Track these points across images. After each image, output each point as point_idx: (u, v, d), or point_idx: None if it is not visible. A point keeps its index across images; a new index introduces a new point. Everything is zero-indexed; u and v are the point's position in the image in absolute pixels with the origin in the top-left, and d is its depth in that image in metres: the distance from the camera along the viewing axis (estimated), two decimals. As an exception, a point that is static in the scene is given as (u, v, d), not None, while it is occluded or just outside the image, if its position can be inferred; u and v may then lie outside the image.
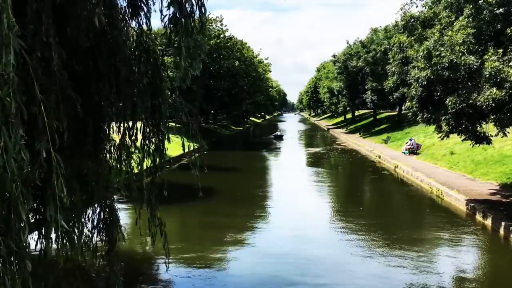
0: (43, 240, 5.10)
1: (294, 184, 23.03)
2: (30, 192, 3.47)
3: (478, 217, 14.53)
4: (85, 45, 4.99)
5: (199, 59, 5.36)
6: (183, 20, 5.12)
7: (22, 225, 3.29)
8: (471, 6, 13.70)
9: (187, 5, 5.14)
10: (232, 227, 14.35)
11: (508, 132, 14.59)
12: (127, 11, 5.97)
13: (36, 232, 5.38)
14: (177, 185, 14.77)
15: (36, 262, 4.83)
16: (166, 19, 5.22)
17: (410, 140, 31.11)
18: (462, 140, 16.12)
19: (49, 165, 3.69)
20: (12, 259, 3.22)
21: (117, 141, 6.36)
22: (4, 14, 3.06)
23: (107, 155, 6.34)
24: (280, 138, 53.89)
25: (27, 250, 3.60)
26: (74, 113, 4.63)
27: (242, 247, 12.50)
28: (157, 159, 6.23)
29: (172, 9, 5.17)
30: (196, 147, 6.15)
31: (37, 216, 5.62)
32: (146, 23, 5.93)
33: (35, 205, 5.39)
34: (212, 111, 57.81)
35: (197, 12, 5.24)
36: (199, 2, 5.18)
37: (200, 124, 7.15)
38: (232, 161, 33.76)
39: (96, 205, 6.26)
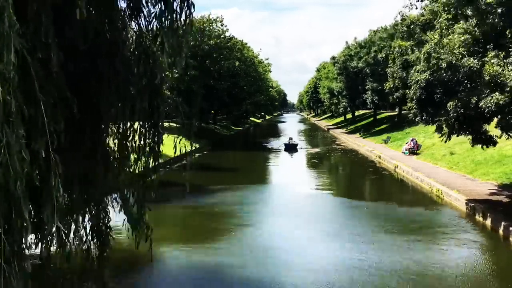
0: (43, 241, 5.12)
1: (293, 185, 22.99)
2: (27, 192, 3.45)
3: (478, 217, 14.54)
4: (83, 46, 4.99)
5: (183, 56, 5.39)
6: (168, 16, 5.15)
7: (24, 224, 3.27)
8: (472, 7, 13.63)
9: (174, 3, 5.17)
10: (231, 227, 14.37)
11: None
12: (127, 12, 5.99)
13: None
14: (174, 184, 15.71)
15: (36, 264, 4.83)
16: (152, 16, 5.32)
17: (411, 140, 31.01)
18: (472, 146, 16.11)
19: (46, 165, 3.68)
20: (14, 258, 3.21)
21: (116, 142, 6.35)
22: (5, 12, 3.04)
23: (107, 156, 6.33)
24: (293, 148, 38.34)
25: (28, 250, 3.60)
26: (71, 114, 4.61)
27: (240, 245, 12.52)
28: (152, 161, 6.24)
29: (158, 5, 5.23)
30: (194, 147, 6.21)
31: (34, 219, 5.60)
32: (145, 24, 5.95)
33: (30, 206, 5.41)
34: (212, 111, 57.74)
35: (185, 10, 5.26)
36: (187, 1, 5.22)
37: (196, 126, 7.25)
38: (233, 161, 33.79)
39: (90, 208, 6.28)
